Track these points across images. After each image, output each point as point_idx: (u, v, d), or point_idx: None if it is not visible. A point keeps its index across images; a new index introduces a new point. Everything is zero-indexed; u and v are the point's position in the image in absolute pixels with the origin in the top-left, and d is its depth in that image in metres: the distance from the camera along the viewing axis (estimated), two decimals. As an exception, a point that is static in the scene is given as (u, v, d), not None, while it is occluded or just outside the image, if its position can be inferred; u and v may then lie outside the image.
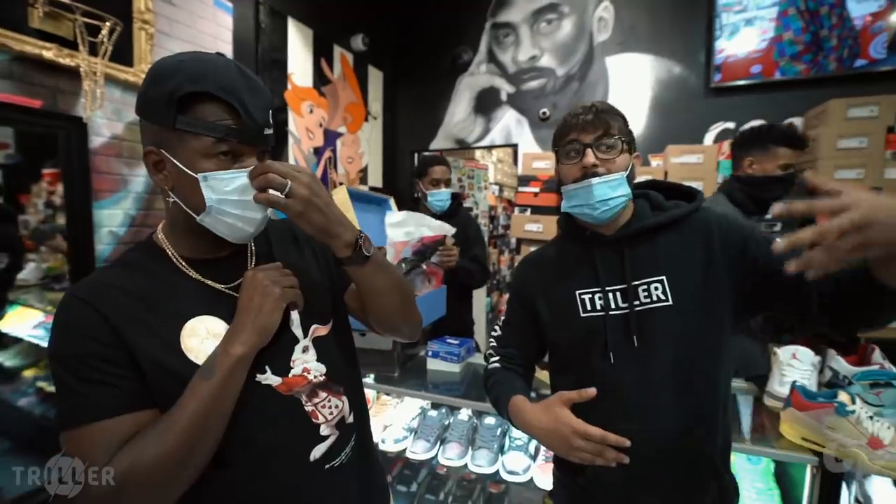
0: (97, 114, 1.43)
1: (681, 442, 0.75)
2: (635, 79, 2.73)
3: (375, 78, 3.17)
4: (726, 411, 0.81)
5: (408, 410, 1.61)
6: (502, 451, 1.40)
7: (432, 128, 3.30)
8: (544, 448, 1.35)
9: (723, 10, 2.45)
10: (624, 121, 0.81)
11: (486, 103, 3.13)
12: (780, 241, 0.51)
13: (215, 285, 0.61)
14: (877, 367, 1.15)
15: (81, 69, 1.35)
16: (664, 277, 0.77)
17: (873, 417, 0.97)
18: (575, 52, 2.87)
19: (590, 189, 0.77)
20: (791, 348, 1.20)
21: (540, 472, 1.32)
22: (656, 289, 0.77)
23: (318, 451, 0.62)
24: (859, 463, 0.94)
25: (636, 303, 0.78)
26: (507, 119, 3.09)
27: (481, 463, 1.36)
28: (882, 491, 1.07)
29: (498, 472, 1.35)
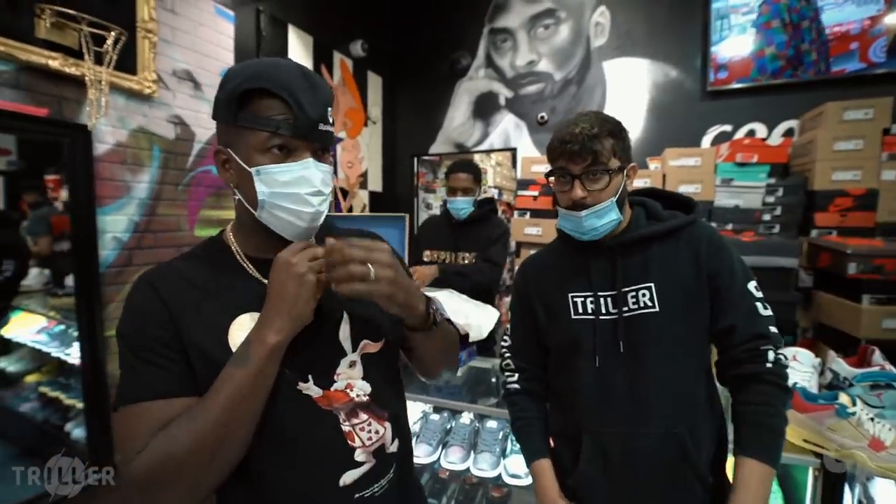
0: (101, 121, 1.44)
1: (665, 446, 0.77)
2: (632, 82, 2.75)
3: (375, 83, 3.19)
4: (716, 417, 0.82)
5: (410, 414, 1.61)
6: (504, 454, 1.41)
7: (432, 132, 3.31)
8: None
9: (725, 13, 2.47)
10: (616, 135, 0.78)
11: (485, 108, 3.15)
12: None
13: None
14: (877, 368, 1.15)
15: (87, 78, 1.36)
16: (652, 285, 0.79)
17: (874, 419, 0.98)
18: (572, 56, 2.89)
19: (579, 220, 0.80)
20: (791, 350, 1.20)
21: (542, 476, 1.32)
22: (644, 295, 0.79)
23: (348, 477, 0.58)
24: (860, 464, 0.95)
25: (625, 309, 0.80)
26: (506, 123, 3.11)
27: (484, 467, 1.36)
28: (886, 493, 1.07)
29: (500, 475, 1.35)
